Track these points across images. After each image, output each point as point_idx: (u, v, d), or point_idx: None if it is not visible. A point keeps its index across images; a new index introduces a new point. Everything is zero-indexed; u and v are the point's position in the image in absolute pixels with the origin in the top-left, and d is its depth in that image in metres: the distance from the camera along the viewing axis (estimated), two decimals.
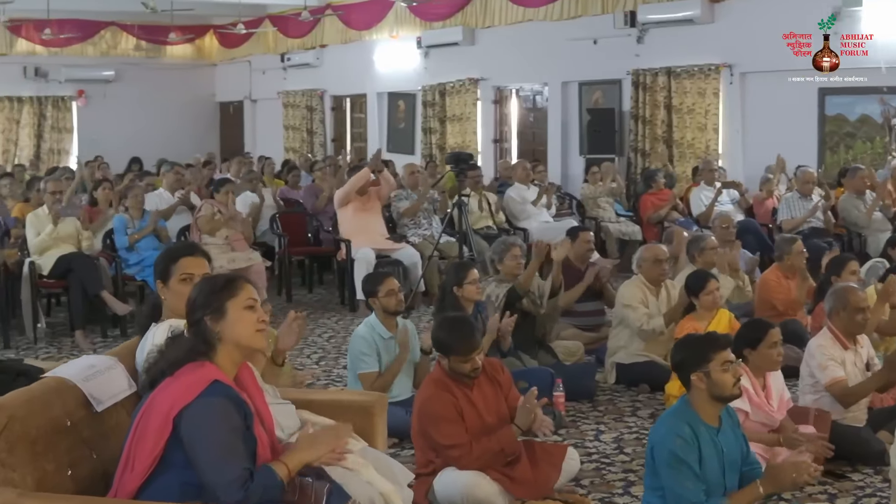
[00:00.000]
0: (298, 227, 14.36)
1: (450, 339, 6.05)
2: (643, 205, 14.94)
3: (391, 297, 7.71)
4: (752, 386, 6.29)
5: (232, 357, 4.15)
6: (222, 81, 28.45)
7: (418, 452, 6.21)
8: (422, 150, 21.12)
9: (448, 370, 6.05)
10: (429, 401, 5.99)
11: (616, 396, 8.69)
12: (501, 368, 6.30)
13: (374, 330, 7.70)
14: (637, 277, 9.13)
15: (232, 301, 4.16)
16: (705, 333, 5.80)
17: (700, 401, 5.25)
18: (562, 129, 18.48)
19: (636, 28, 16.66)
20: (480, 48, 19.85)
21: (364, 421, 5.43)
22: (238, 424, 3.96)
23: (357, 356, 7.66)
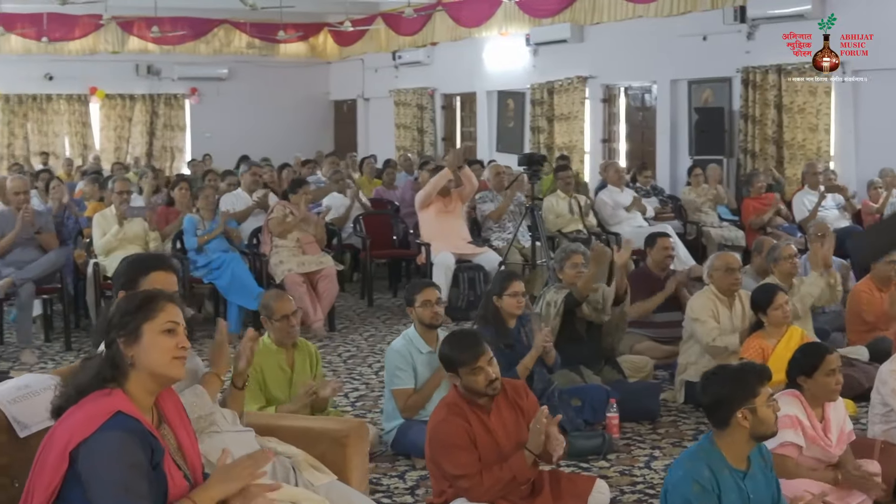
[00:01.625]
0: (383, 228, 13.93)
1: (452, 351, 5.57)
2: (745, 209, 14.27)
3: (426, 309, 7.21)
4: (807, 417, 5.59)
5: (145, 385, 3.68)
6: (336, 79, 28.29)
7: (432, 480, 5.69)
8: (530, 149, 20.55)
9: (463, 392, 5.52)
10: (439, 426, 5.46)
11: (681, 418, 8.05)
12: (525, 392, 5.71)
13: (411, 343, 7.20)
14: (708, 288, 8.46)
15: (148, 324, 3.68)
16: (746, 364, 5.15)
17: (734, 441, 4.68)
18: (670, 129, 17.84)
19: (746, 24, 15.96)
20: (589, 45, 19.31)
21: (337, 452, 4.94)
22: (139, 461, 3.48)
23: (391, 371, 7.18)
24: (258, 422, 4.93)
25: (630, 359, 8.77)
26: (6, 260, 10.47)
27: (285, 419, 5.61)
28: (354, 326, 11.86)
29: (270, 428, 4.91)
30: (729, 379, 4.79)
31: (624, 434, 7.52)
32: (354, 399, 8.80)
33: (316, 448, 4.75)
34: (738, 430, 4.67)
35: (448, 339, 5.78)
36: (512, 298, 7.58)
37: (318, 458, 4.85)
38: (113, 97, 25.97)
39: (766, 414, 4.65)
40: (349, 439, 5.08)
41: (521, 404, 5.57)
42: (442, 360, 5.69)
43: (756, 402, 4.64)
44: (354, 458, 5.07)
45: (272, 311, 6.82)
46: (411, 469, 6.87)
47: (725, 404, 4.70)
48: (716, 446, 4.68)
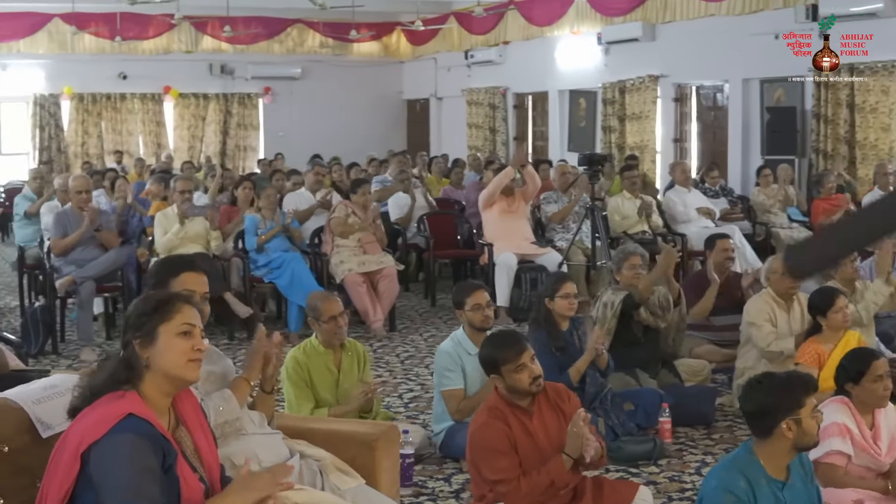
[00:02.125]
0: (448, 228, 13.87)
1: (494, 351, 5.46)
2: (815, 210, 14.00)
3: (477, 312, 7.13)
4: (856, 425, 5.45)
5: (160, 387, 3.65)
6: (409, 79, 28.33)
7: (472, 484, 5.60)
8: (601, 149, 20.42)
9: (506, 393, 5.41)
10: (480, 430, 5.37)
11: (737, 424, 7.83)
12: (568, 396, 5.58)
13: (459, 345, 7.12)
14: (766, 291, 8.27)
15: (164, 325, 3.66)
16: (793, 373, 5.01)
17: (775, 451, 4.56)
18: (742, 129, 17.62)
19: (818, 22, 15.68)
20: (660, 44, 19.14)
21: (366, 456, 4.85)
22: (150, 464, 3.45)
23: (441, 373, 7.11)
24: (287, 424, 4.88)
25: (687, 362, 8.62)
26: (67, 258, 10.55)
27: (315, 422, 5.55)
28: (415, 326, 11.81)
29: (299, 430, 4.86)
30: (775, 388, 4.66)
31: (677, 439, 7.40)
32: (408, 400, 8.74)
33: (346, 451, 4.69)
34: (781, 441, 4.55)
35: (488, 340, 5.71)
36: (564, 300, 7.48)
37: (348, 461, 4.78)
38: (186, 96, 26.22)
39: (810, 425, 4.54)
40: (378, 443, 5.00)
41: (563, 407, 5.46)
42: (483, 362, 5.60)
43: (801, 413, 4.53)
44: (384, 462, 4.99)
45: (319, 313, 6.78)
46: (458, 472, 6.80)
47: (770, 414, 4.58)
48: (754, 456, 4.56)
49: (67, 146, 25.56)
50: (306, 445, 4.70)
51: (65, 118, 25.66)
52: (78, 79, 25.06)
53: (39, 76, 25.04)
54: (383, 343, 10.83)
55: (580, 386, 7.14)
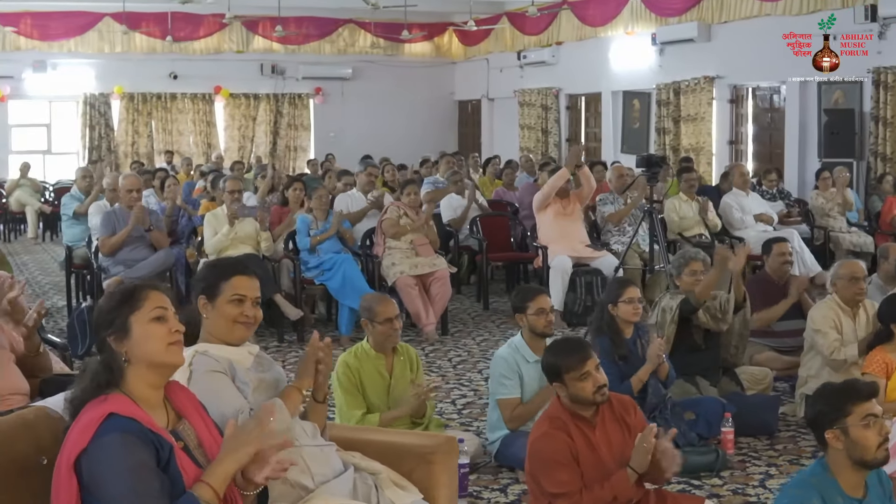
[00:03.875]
0: (501, 230, 13.68)
1: (557, 358, 5.24)
2: (887, 207, 13.72)
3: (541, 317, 6.92)
4: None
5: (146, 380, 3.53)
6: (461, 79, 28.24)
7: (531, 496, 5.41)
8: (655, 151, 20.19)
9: (568, 403, 5.21)
10: (540, 440, 5.17)
11: (800, 434, 7.63)
12: (634, 408, 5.36)
13: (517, 352, 6.92)
14: (831, 298, 8.02)
15: (135, 315, 3.53)
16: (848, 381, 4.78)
17: (838, 464, 4.30)
18: (799, 131, 17.37)
19: (877, 23, 15.42)
20: (716, 44, 18.93)
21: (423, 469, 4.66)
22: (143, 460, 3.32)
23: (497, 380, 6.92)
24: (341, 435, 4.67)
25: (749, 370, 8.38)
26: (116, 258, 10.47)
27: (370, 433, 5.34)
28: (468, 330, 11.64)
29: (354, 442, 4.66)
30: (823, 397, 4.45)
31: (739, 449, 7.18)
32: (461, 406, 8.57)
33: (402, 465, 4.49)
34: (835, 453, 4.31)
35: (552, 347, 5.50)
36: (628, 305, 7.27)
37: (405, 475, 4.59)
38: (237, 96, 26.23)
39: (860, 435, 4.24)
40: (436, 456, 4.80)
41: (627, 420, 5.25)
42: (546, 370, 5.38)
43: (848, 422, 4.26)
44: (442, 476, 4.79)
45: (375, 314, 6.62)
46: (514, 482, 6.62)
47: (818, 424, 4.36)
48: (829, 472, 4.34)
49: (118, 146, 25.64)
50: (361, 458, 4.52)
51: (115, 118, 25.75)
52: (128, 78, 25.14)
53: (90, 75, 25.17)
54: (435, 347, 10.67)
55: (641, 395, 6.93)
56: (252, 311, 4.34)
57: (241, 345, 4.36)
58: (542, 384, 6.80)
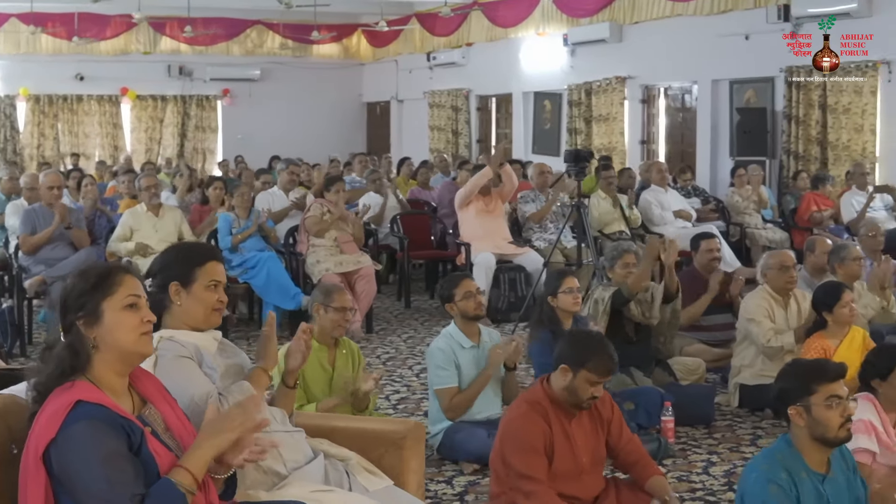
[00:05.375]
0: (421, 229, 13.67)
1: (588, 352, 5.09)
2: (804, 204, 13.91)
3: (469, 301, 6.91)
4: (881, 423, 5.26)
5: (113, 367, 3.43)
6: (370, 81, 28.12)
7: (492, 480, 5.33)
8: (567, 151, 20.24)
9: (555, 391, 5.13)
10: (518, 421, 5.10)
11: (737, 423, 7.75)
12: (611, 404, 5.35)
13: (452, 339, 6.91)
14: (762, 288, 8.13)
15: (108, 301, 3.41)
16: (812, 360, 4.84)
17: (801, 441, 4.37)
18: (711, 130, 17.51)
19: (790, 22, 15.61)
20: (628, 45, 18.99)
21: (393, 455, 4.62)
22: (115, 447, 3.22)
23: (433, 371, 6.91)
24: (309, 422, 4.61)
25: (682, 360, 8.44)
26: (37, 257, 10.28)
27: (338, 420, 5.29)
28: (392, 328, 11.60)
29: (322, 429, 4.61)
30: (791, 373, 4.53)
31: (678, 439, 7.23)
32: (396, 402, 8.54)
33: (371, 451, 4.45)
34: (797, 429, 4.38)
35: (582, 338, 5.37)
36: (568, 295, 7.29)
37: (374, 461, 4.55)
38: (144, 98, 25.88)
39: (823, 415, 4.31)
40: (406, 441, 4.76)
41: (603, 414, 5.25)
42: (565, 354, 5.17)
43: (811, 401, 4.32)
44: (412, 462, 4.76)
45: (332, 299, 6.55)
46: (459, 474, 6.60)
47: (782, 399, 4.43)
48: (793, 447, 4.38)
49: (23, 148, 25.14)
50: (329, 445, 4.46)
51: (21, 120, 25.25)
52: (34, 80, 24.69)
53: None
54: (362, 345, 10.52)
55: None
56: (224, 296, 4.27)
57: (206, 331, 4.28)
58: (479, 370, 6.80)
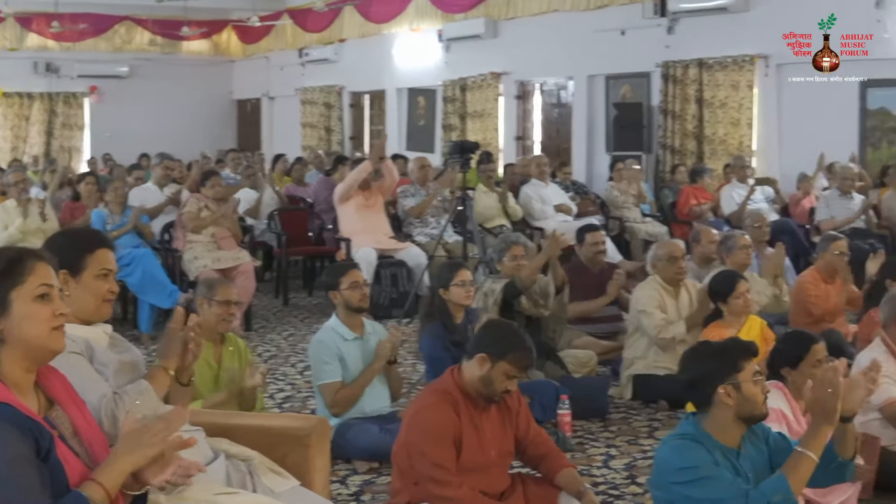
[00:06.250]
0: (299, 225, 13.40)
1: (510, 344, 4.88)
2: (683, 197, 13.94)
3: (355, 291, 6.68)
4: (791, 411, 5.16)
5: (20, 363, 3.11)
6: (240, 78, 27.77)
7: (394, 476, 5.08)
8: (441, 148, 20.18)
9: (466, 381, 4.90)
10: (426, 411, 4.88)
11: (631, 414, 7.66)
12: (518, 396, 5.13)
13: (334, 332, 6.68)
14: (653, 279, 8.09)
15: (17, 290, 3.10)
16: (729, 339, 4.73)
17: (721, 421, 4.21)
18: (587, 126, 17.54)
19: (666, 18, 15.70)
20: (503, 41, 18.94)
21: (298, 454, 4.37)
22: (23, 452, 2.91)
23: (317, 365, 6.68)
24: (208, 420, 4.30)
25: (573, 353, 8.32)
26: None
27: (239, 417, 4.99)
28: (272, 326, 11.34)
29: (223, 427, 4.32)
30: (711, 354, 4.37)
31: (574, 432, 7.10)
32: (281, 400, 8.30)
33: (275, 450, 4.18)
34: (723, 410, 4.20)
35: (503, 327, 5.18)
36: (460, 288, 7.13)
37: (277, 460, 4.27)
38: (10, 95, 25.15)
39: (751, 391, 4.18)
40: (311, 439, 4.50)
41: (511, 408, 5.05)
42: (484, 342, 4.97)
43: (740, 378, 4.19)
44: (317, 460, 4.49)
45: (215, 293, 6.28)
46: (353, 473, 6.36)
47: (706, 380, 4.23)
48: (702, 429, 4.23)
49: None
50: (229, 444, 4.18)
51: None
52: None
53: None
54: None
55: None
56: (115, 286, 4.00)
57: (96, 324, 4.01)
58: (365, 362, 6.59)
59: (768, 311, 8.46)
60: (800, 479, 4.06)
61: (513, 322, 5.53)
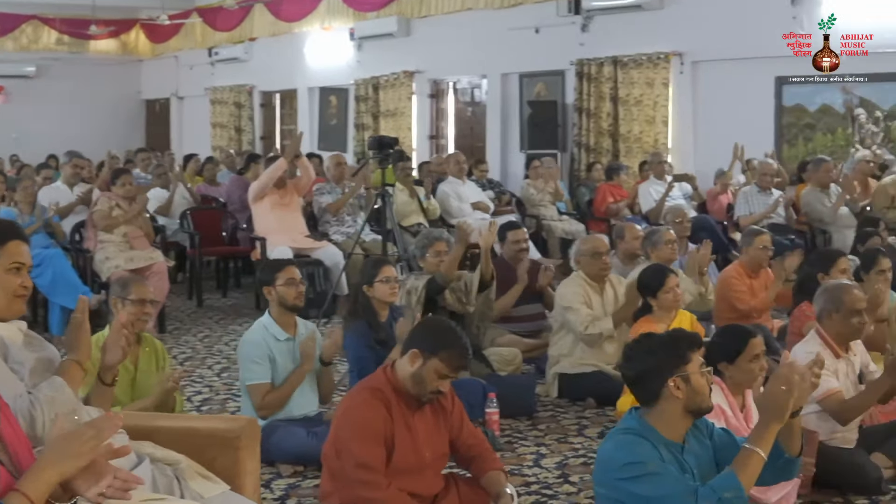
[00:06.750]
0: (213, 225, 13.15)
1: (444, 342, 4.69)
2: (600, 195, 13.90)
3: (291, 288, 6.48)
4: (728, 406, 5.06)
5: None
6: (149, 78, 27.33)
7: (324, 478, 4.88)
8: (354, 147, 20.02)
9: (398, 378, 4.72)
10: (358, 409, 4.68)
11: (559, 412, 7.54)
12: (452, 395, 4.96)
13: (266, 331, 6.46)
14: (577, 274, 8.02)
15: None
16: (673, 330, 4.61)
17: (669, 415, 4.06)
18: (501, 124, 17.50)
19: (581, 16, 15.71)
20: (416, 39, 18.86)
21: (228, 457, 4.17)
22: None
23: (245, 365, 6.46)
24: (131, 423, 4.04)
25: (498, 351, 8.18)
26: None
27: (164, 419, 4.77)
28: (186, 328, 11.09)
29: (146, 430, 4.09)
30: (657, 346, 4.19)
31: (503, 431, 6.96)
32: (199, 403, 8.07)
33: (203, 453, 3.97)
34: (671, 403, 4.05)
35: (440, 324, 4.98)
36: (384, 285, 6.95)
37: (205, 464, 4.05)
38: None
39: (700, 383, 4.06)
40: (241, 441, 4.29)
41: (446, 407, 4.88)
42: (422, 336, 4.81)
43: (689, 370, 4.05)
44: (248, 463, 4.29)
45: (129, 291, 6.04)
46: (277, 477, 6.16)
47: (655, 374, 4.07)
48: (646, 424, 4.08)
49: None
50: (155, 447, 3.96)
51: None
52: None
53: None
54: None
55: None
56: (28, 281, 3.78)
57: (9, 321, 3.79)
58: (296, 364, 6.41)
59: (693, 309, 8.36)
60: (749, 477, 3.94)
61: (450, 320, 5.31)
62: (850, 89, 13.36)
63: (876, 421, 6.24)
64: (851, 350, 5.92)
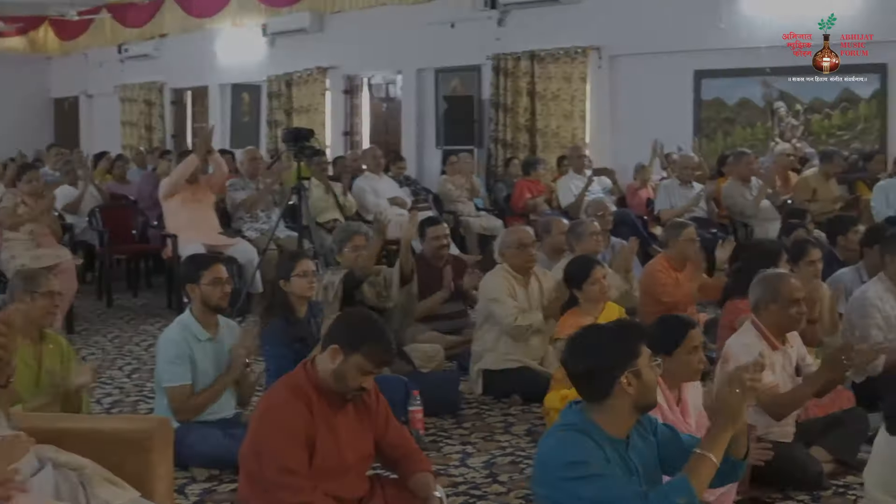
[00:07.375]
0: (123, 223, 12.81)
1: (366, 336, 4.43)
2: (518, 191, 13.72)
3: (216, 288, 6.24)
4: (665, 401, 4.85)
5: None
6: (57, 76, 26.71)
7: (241, 482, 4.59)
8: (267, 144, 19.71)
9: (322, 377, 4.45)
10: (278, 409, 4.40)
11: (484, 410, 7.36)
12: (376, 393, 4.71)
13: (187, 330, 6.19)
14: (501, 267, 7.82)
15: None
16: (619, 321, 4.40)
17: (616, 412, 3.83)
18: (417, 120, 17.33)
19: (497, 10, 15.55)
20: (329, 35, 18.62)
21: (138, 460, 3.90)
22: None
23: (164, 365, 6.17)
24: (31, 425, 3.73)
25: (420, 348, 7.96)
26: None
27: (67, 420, 4.47)
28: (95, 328, 10.76)
29: (48, 433, 3.74)
30: (605, 340, 3.92)
31: (427, 430, 6.73)
32: (109, 405, 7.77)
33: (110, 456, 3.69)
34: (621, 399, 3.81)
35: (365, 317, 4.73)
36: (302, 279, 6.70)
37: (113, 468, 3.74)
38: None
39: (651, 378, 3.84)
40: (153, 443, 4.00)
41: (370, 406, 4.63)
42: (342, 330, 4.53)
43: (640, 364, 3.82)
44: (160, 467, 3.99)
45: (38, 285, 5.76)
46: (192, 482, 5.88)
47: (605, 370, 3.81)
48: (589, 420, 3.85)
49: None
50: (57, 451, 3.66)
51: None
52: None
53: None
54: None
55: None
56: None
57: None
58: (218, 366, 6.14)
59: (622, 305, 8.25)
60: (702, 482, 3.74)
61: (373, 313, 5.06)
62: (770, 83, 13.31)
63: (811, 415, 6.10)
64: (788, 342, 5.76)
